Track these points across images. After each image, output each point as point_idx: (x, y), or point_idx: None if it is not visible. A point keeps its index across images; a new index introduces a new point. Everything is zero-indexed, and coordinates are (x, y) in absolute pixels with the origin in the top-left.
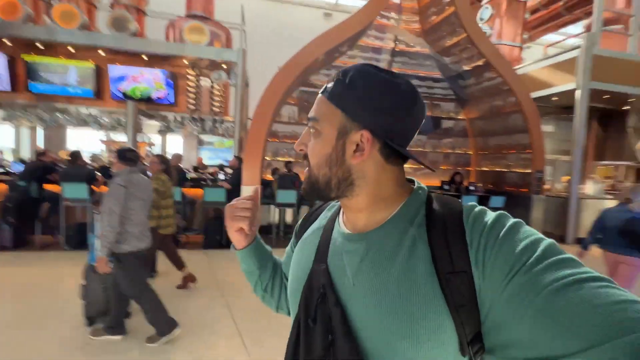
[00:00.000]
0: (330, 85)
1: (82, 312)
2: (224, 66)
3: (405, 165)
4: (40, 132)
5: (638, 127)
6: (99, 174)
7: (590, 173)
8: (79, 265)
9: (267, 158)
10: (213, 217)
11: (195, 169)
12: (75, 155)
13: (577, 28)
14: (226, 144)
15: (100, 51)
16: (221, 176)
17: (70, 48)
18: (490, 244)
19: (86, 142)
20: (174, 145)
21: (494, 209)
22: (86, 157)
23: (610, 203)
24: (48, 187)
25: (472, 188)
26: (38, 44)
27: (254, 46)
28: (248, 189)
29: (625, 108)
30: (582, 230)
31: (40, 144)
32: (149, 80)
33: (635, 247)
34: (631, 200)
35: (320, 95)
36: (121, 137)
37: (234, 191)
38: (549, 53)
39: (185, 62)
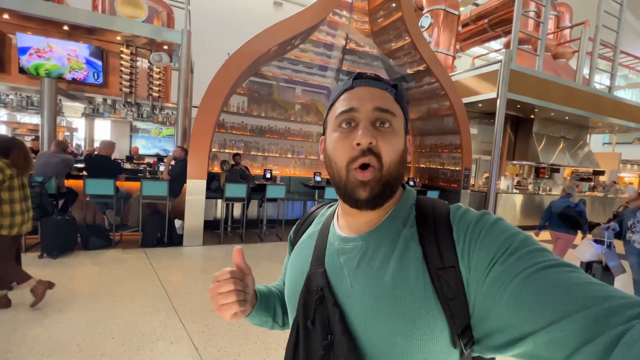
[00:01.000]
0: (388, 87)
1: None
2: (166, 47)
3: None
4: None
5: (540, 133)
6: None
7: (503, 171)
8: None
9: (214, 149)
10: (151, 212)
11: (130, 159)
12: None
13: (498, 44)
14: (164, 132)
15: (4, 14)
16: (162, 168)
17: None
18: (474, 239)
19: None
20: (102, 131)
21: None
22: None
23: (518, 197)
24: None
25: (411, 183)
26: None
27: (198, 30)
28: (194, 183)
29: (531, 117)
30: None
31: None
32: (60, 57)
33: (570, 227)
34: (570, 194)
35: (383, 91)
36: (29, 119)
37: (176, 184)
38: (476, 64)
39: (119, 38)
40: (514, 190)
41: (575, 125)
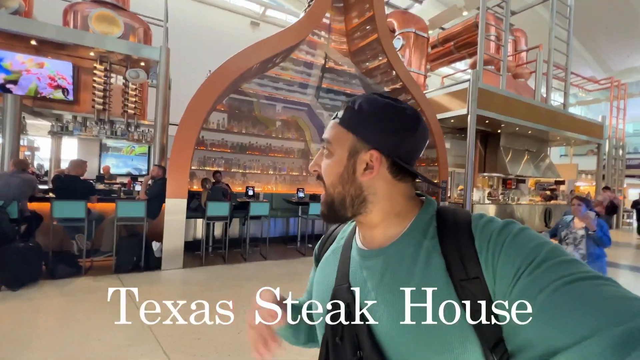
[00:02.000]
0: (341, 112)
1: None
2: (142, 64)
3: None
4: None
5: (506, 146)
6: None
7: (475, 183)
8: None
9: (193, 167)
10: (127, 236)
11: (100, 178)
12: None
13: (463, 65)
14: (137, 150)
15: None
16: (138, 187)
17: None
18: (498, 249)
19: None
20: (69, 150)
21: None
22: None
23: (491, 207)
24: None
25: None
26: None
27: (176, 47)
28: (173, 202)
29: (498, 131)
30: None
31: None
32: (29, 77)
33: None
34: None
35: (332, 121)
36: None
37: (154, 204)
38: (445, 83)
39: (92, 54)
40: (487, 201)
41: (537, 139)
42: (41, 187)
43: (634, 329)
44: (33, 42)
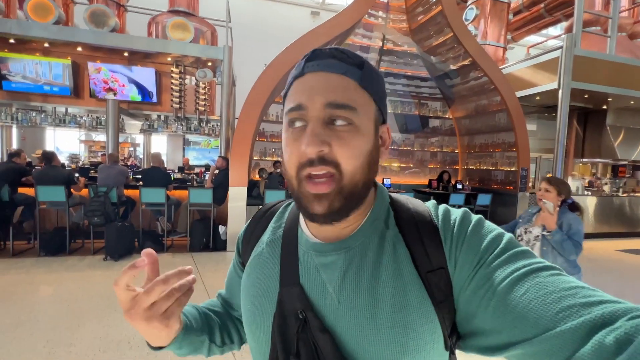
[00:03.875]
0: (352, 67)
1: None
2: (210, 64)
3: (394, 165)
4: (15, 132)
5: (616, 125)
6: (78, 175)
7: (570, 171)
8: (55, 272)
9: (255, 158)
10: (198, 219)
11: (181, 169)
12: (48, 156)
13: (557, 30)
14: (213, 143)
15: (78, 47)
16: (207, 177)
17: (45, 44)
18: (461, 239)
19: (65, 142)
20: (158, 145)
21: (481, 207)
22: (64, 158)
23: (590, 200)
24: (23, 190)
25: (459, 186)
26: (11, 40)
27: (240, 44)
28: (235, 190)
29: (603, 107)
30: None
31: (16, 144)
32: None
33: None
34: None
35: (339, 75)
36: (102, 137)
37: (220, 191)
38: (532, 54)
39: (169, 59)
40: (585, 192)
41: None
42: (137, 176)
43: (594, 319)
44: (126, 54)
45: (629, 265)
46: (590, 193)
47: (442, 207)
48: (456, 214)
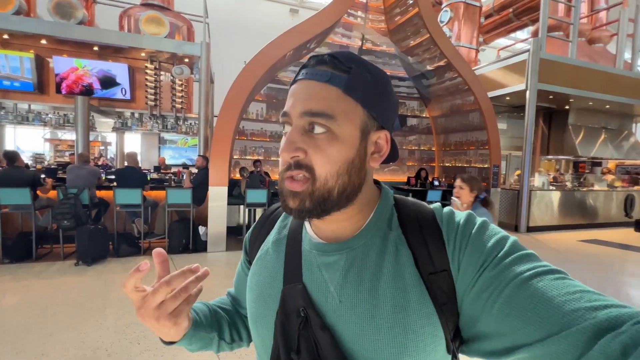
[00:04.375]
0: (337, 72)
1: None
2: (187, 60)
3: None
4: None
5: (577, 124)
6: (45, 176)
7: (537, 167)
8: (22, 279)
9: (235, 156)
10: (177, 220)
11: (157, 169)
12: (11, 156)
13: (525, 34)
14: (190, 142)
15: (42, 40)
16: (185, 177)
17: (5, 35)
18: (464, 242)
19: (26, 140)
20: (132, 143)
21: None
22: (27, 158)
23: (555, 194)
24: None
25: (436, 183)
26: None
27: (218, 40)
28: (215, 190)
29: (566, 107)
30: (533, 219)
31: None
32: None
33: None
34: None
35: (320, 83)
36: (69, 135)
37: (199, 191)
38: (502, 56)
39: (143, 55)
40: (550, 187)
41: (617, 114)
42: (109, 177)
43: (599, 323)
44: (96, 48)
45: (589, 255)
46: (554, 188)
47: (447, 209)
48: (460, 216)
